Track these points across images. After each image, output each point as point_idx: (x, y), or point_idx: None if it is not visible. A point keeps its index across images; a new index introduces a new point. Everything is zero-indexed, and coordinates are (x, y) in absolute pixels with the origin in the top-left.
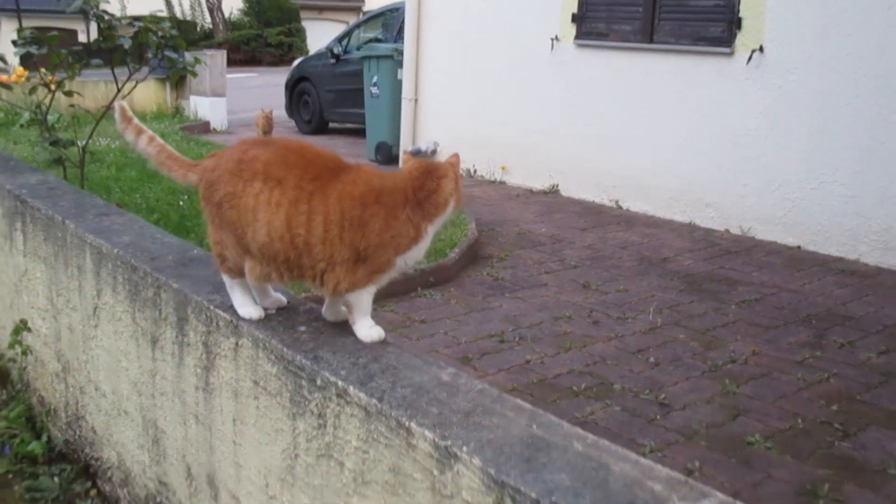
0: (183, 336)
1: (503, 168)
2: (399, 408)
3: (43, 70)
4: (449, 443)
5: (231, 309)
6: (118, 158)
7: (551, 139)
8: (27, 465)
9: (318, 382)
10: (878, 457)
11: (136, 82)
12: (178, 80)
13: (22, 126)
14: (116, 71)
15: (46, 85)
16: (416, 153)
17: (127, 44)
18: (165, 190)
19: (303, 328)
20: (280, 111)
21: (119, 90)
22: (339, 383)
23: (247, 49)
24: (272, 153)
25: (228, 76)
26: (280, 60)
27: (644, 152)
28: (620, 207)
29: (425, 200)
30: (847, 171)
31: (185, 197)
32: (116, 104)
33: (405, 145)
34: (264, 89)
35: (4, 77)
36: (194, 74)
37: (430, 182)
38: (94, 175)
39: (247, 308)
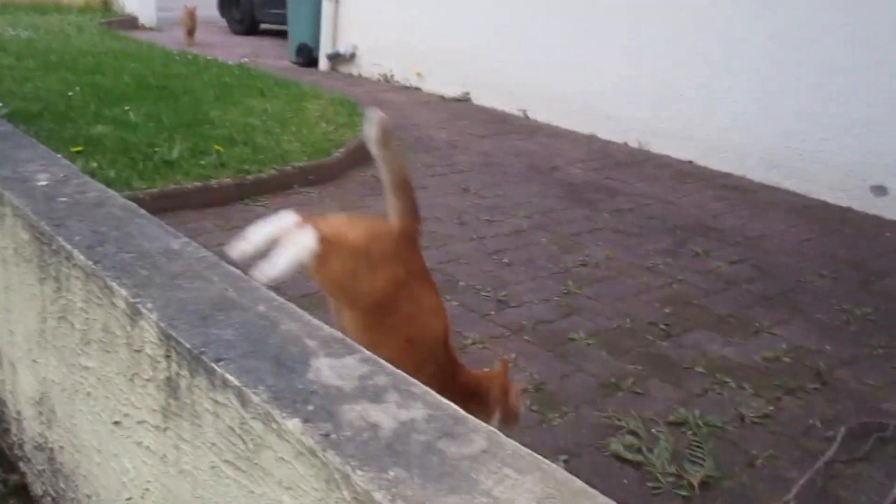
0: None
1: (418, 74)
2: (111, 269)
3: None
4: (138, 300)
5: None
6: (21, 49)
7: (466, 48)
8: None
9: (54, 247)
10: (692, 356)
11: None
12: None
13: None
14: None
15: None
16: (335, 56)
17: None
18: (58, 80)
19: (64, 199)
20: (213, 11)
21: None
22: (67, 247)
23: None
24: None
25: None
26: None
27: (551, 64)
28: (527, 117)
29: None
30: (740, 88)
31: (77, 89)
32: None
33: (325, 48)
34: None
35: None
36: None
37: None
38: None
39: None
